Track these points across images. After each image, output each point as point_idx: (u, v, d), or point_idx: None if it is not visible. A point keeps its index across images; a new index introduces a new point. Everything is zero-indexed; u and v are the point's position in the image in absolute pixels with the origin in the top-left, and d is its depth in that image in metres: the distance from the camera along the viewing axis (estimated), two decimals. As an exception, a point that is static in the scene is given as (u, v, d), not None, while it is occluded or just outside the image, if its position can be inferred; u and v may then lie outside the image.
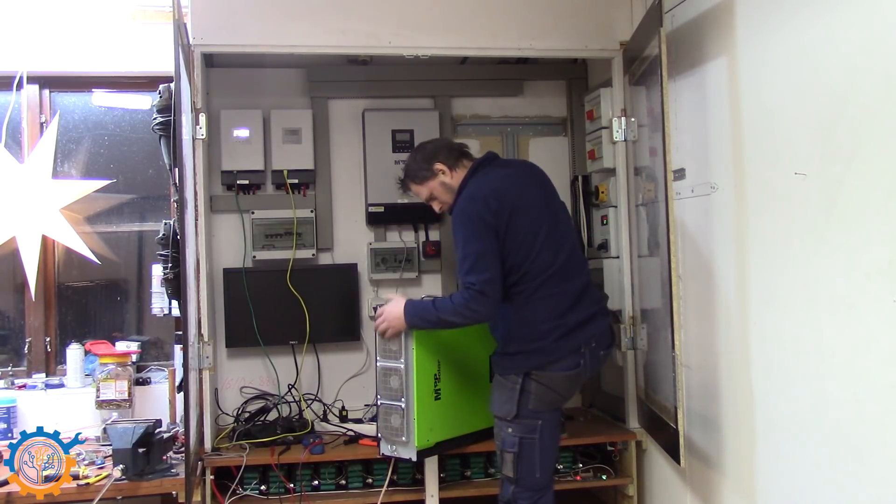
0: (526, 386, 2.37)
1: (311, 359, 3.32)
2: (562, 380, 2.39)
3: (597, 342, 2.44)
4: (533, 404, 2.37)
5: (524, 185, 2.49)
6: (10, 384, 3.21)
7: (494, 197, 2.39)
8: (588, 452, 3.03)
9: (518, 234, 2.39)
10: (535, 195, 2.49)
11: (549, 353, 2.37)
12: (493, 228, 2.36)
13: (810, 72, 1.95)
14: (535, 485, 2.40)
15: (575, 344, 2.39)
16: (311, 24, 2.91)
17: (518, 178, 2.51)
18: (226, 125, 3.23)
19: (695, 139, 2.55)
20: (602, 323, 2.49)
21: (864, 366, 1.77)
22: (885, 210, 1.69)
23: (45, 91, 3.36)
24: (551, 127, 3.61)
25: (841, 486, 1.87)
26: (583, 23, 3.06)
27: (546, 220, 2.45)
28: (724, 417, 2.42)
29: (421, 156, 2.61)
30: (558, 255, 2.43)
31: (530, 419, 2.37)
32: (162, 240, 2.92)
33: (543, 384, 2.37)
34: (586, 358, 2.41)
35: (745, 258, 2.28)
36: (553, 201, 2.54)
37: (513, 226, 2.38)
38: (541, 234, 2.42)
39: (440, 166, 2.56)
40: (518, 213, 2.40)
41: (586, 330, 2.42)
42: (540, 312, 2.39)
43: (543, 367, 2.37)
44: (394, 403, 2.52)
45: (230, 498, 2.76)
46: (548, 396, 2.39)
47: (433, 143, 2.68)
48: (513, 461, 2.39)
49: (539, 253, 2.40)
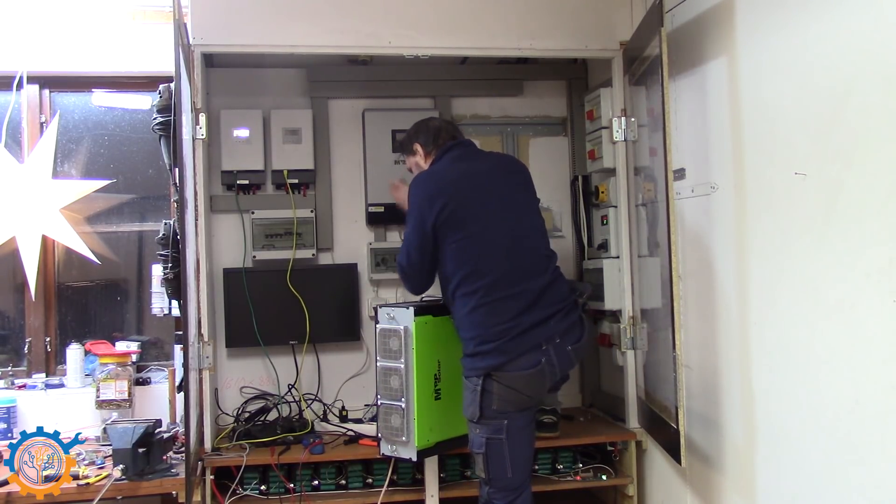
0: (487, 387, 2.35)
1: (311, 359, 3.32)
2: (523, 379, 2.36)
3: (562, 338, 2.40)
4: (497, 404, 2.35)
5: (479, 183, 2.49)
6: (10, 384, 3.21)
7: (440, 191, 2.45)
8: (588, 452, 3.03)
9: (464, 236, 2.41)
10: (491, 194, 2.48)
11: (505, 353, 2.35)
12: (430, 223, 2.44)
13: (810, 72, 1.95)
14: (509, 485, 2.39)
15: (533, 342, 2.36)
16: (311, 24, 2.91)
17: (476, 174, 2.52)
18: (226, 125, 3.23)
19: (695, 139, 2.55)
20: (567, 319, 2.44)
21: (864, 366, 1.77)
22: (885, 210, 1.69)
23: (45, 91, 3.36)
24: (551, 127, 3.61)
25: (841, 486, 1.87)
26: (583, 23, 3.06)
27: (500, 221, 2.45)
28: (724, 417, 2.42)
29: (412, 130, 2.75)
30: (513, 257, 2.42)
31: (496, 419, 2.36)
32: (162, 240, 2.93)
33: (504, 384, 2.35)
34: (550, 355, 2.37)
35: (745, 258, 2.28)
36: (517, 200, 2.52)
37: (455, 224, 2.42)
38: (492, 236, 2.42)
39: (417, 146, 2.68)
40: (464, 211, 2.42)
41: (547, 327, 2.38)
42: (494, 315, 2.37)
43: (501, 367, 2.35)
44: (394, 403, 2.51)
45: (230, 498, 2.76)
46: (511, 396, 2.35)
47: (425, 123, 2.75)
48: (482, 462, 2.39)
49: (490, 255, 2.40)
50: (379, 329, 2.57)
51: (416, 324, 2.49)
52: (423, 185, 2.51)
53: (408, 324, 2.49)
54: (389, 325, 2.54)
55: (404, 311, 2.51)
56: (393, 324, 2.53)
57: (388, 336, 2.53)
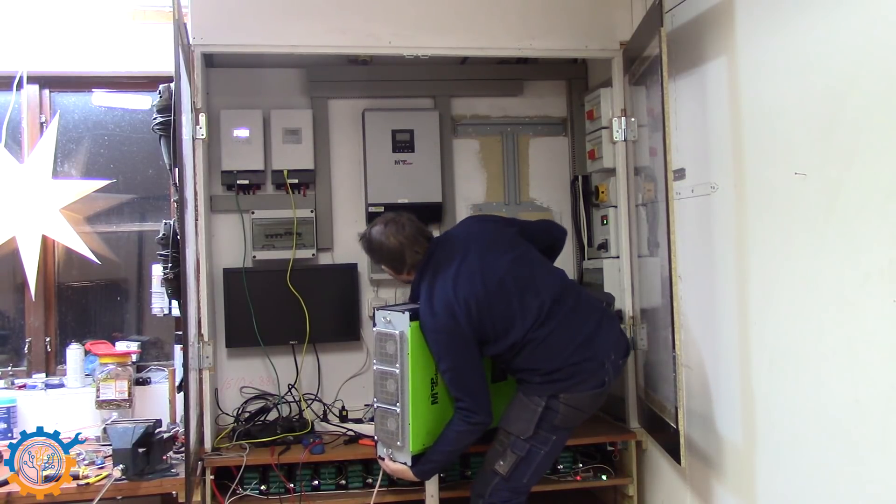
0: (552, 406, 2.39)
1: (311, 359, 3.32)
2: (589, 398, 2.42)
3: (615, 353, 2.46)
4: (558, 422, 2.39)
5: (475, 271, 2.44)
6: (10, 384, 3.21)
7: (458, 303, 2.38)
8: (588, 452, 3.03)
9: (497, 321, 2.40)
10: (491, 266, 2.45)
11: (575, 375, 2.39)
12: (464, 336, 2.38)
13: (810, 72, 1.95)
14: (520, 488, 2.45)
15: (598, 361, 2.41)
16: (311, 24, 2.91)
17: (468, 267, 2.45)
18: (226, 125, 3.23)
19: (695, 139, 2.55)
20: (612, 328, 2.50)
21: (864, 366, 1.77)
22: (885, 210, 1.69)
23: (45, 91, 3.37)
24: (551, 127, 3.61)
25: (841, 487, 1.87)
26: (583, 23, 3.06)
27: (514, 284, 2.43)
28: (724, 417, 2.42)
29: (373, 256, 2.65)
30: (540, 295, 2.43)
31: (547, 433, 2.41)
32: (162, 240, 2.92)
33: (571, 406, 2.39)
34: (610, 373, 2.44)
35: (745, 258, 2.28)
36: (503, 249, 2.50)
37: (486, 320, 2.39)
38: (516, 299, 2.41)
39: (389, 271, 2.62)
40: (485, 304, 2.39)
41: (600, 339, 2.43)
42: (553, 347, 2.40)
43: (570, 389, 2.39)
44: (389, 407, 2.50)
45: (230, 498, 2.76)
46: (573, 415, 2.42)
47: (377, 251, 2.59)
48: (514, 462, 2.41)
49: (525, 314, 2.40)
50: (375, 332, 2.55)
51: (411, 328, 2.46)
52: (440, 310, 2.41)
53: (403, 329, 2.46)
54: (386, 328, 2.51)
55: (400, 315, 2.48)
56: (389, 328, 2.50)
57: (385, 340, 2.51)
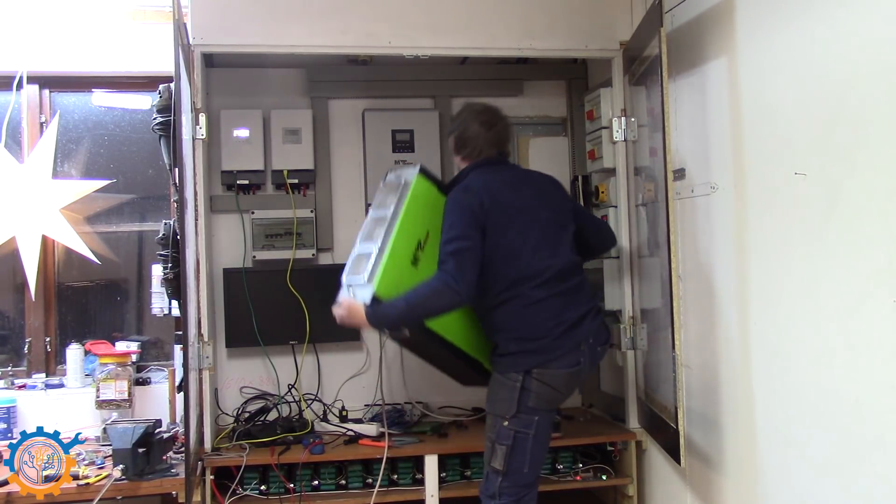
0: (527, 384, 2.37)
1: (311, 359, 3.32)
2: (563, 377, 2.41)
3: (594, 338, 2.46)
4: (533, 402, 2.38)
5: (517, 191, 2.51)
6: (10, 384, 3.21)
7: (488, 194, 2.43)
8: (588, 452, 3.03)
9: (507, 239, 2.41)
10: (529, 201, 2.50)
11: (551, 350, 2.39)
12: (481, 223, 2.39)
13: (810, 72, 1.95)
14: (522, 480, 2.42)
15: (575, 341, 2.41)
16: (311, 24, 2.91)
17: (514, 181, 2.54)
18: (226, 125, 3.23)
19: (695, 139, 2.55)
20: (597, 319, 2.51)
21: (864, 366, 1.77)
22: (885, 210, 1.69)
23: (45, 91, 3.36)
24: (551, 127, 3.61)
25: (841, 486, 1.87)
26: (583, 23, 3.06)
27: (538, 226, 2.47)
28: (724, 417, 2.42)
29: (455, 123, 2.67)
30: (554, 259, 2.45)
31: (528, 415, 2.39)
32: (162, 240, 2.93)
33: (545, 382, 2.38)
34: (586, 355, 2.43)
35: (745, 258, 2.28)
36: (551, 206, 2.54)
37: (499, 226, 2.41)
38: (531, 239, 2.43)
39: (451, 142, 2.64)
40: (506, 215, 2.42)
41: (583, 326, 2.43)
42: (540, 313, 2.41)
43: (545, 364, 2.38)
44: (368, 244, 2.38)
45: (230, 498, 2.76)
46: (548, 394, 2.39)
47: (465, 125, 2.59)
48: (504, 454, 2.40)
49: (532, 258, 2.42)
50: (382, 185, 2.57)
51: (417, 179, 2.48)
52: (473, 189, 2.45)
53: (409, 178, 2.49)
54: (394, 180, 2.54)
55: (411, 169, 2.51)
56: (397, 180, 2.53)
57: (388, 191, 2.52)
